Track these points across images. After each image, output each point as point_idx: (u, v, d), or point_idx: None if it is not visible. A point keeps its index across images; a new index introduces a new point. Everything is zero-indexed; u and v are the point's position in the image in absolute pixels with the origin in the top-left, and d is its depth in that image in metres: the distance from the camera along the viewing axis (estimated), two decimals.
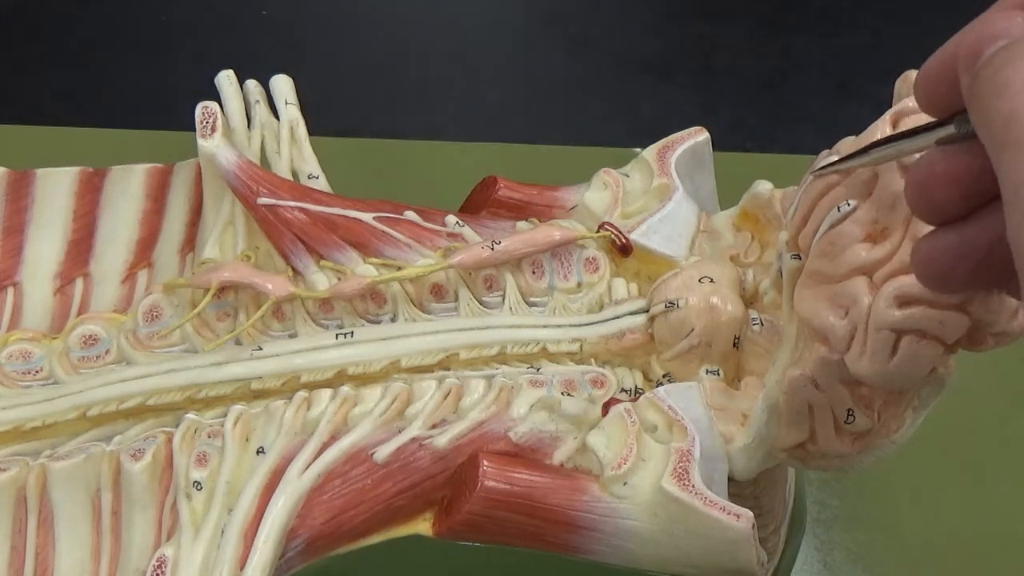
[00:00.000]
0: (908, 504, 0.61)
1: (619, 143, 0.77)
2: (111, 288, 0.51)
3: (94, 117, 0.88)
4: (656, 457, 0.41)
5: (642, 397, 0.44)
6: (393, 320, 0.47)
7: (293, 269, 0.48)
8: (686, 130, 0.51)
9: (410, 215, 0.49)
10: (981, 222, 0.27)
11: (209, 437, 0.44)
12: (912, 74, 0.38)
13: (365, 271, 0.47)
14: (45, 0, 1.03)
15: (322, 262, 0.48)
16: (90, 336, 0.48)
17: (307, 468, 0.42)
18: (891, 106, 0.37)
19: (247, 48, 1.00)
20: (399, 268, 0.47)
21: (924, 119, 0.30)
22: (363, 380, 0.46)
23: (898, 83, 0.38)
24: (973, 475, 0.62)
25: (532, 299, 0.48)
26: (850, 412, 0.39)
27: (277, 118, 0.52)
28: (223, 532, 0.41)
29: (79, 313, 0.50)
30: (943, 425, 0.45)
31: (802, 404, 0.40)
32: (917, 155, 0.31)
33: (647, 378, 0.46)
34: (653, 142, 0.51)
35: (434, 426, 0.44)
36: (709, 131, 0.51)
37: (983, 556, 0.59)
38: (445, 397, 0.44)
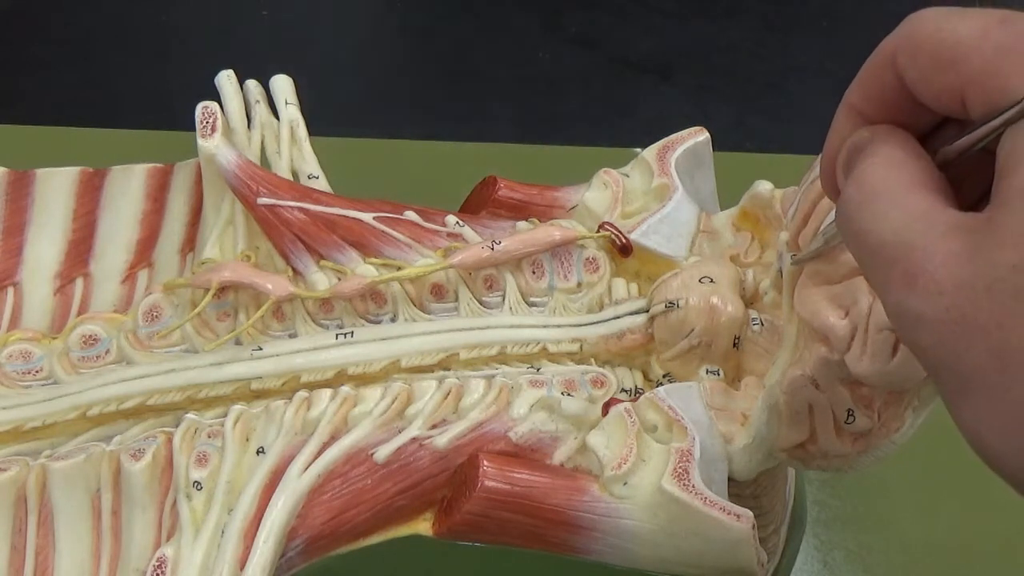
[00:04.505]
0: (908, 504, 0.61)
1: (619, 143, 0.77)
2: (111, 288, 0.51)
3: (94, 117, 0.88)
4: (656, 457, 0.41)
5: (642, 397, 0.44)
6: (393, 320, 0.47)
7: (293, 269, 0.48)
8: (686, 130, 0.51)
9: (410, 215, 0.49)
10: None
11: (209, 437, 0.44)
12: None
13: (365, 271, 0.47)
14: (45, 0, 1.03)
15: (322, 262, 0.48)
16: (90, 336, 0.48)
17: (307, 468, 0.42)
18: None
19: (247, 48, 1.00)
20: (399, 268, 0.47)
21: None
22: (363, 380, 0.46)
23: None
24: (973, 475, 0.61)
25: (532, 299, 0.48)
26: (850, 412, 0.39)
27: (277, 118, 0.52)
28: (223, 532, 0.41)
29: (79, 313, 0.50)
30: (943, 425, 0.45)
31: (802, 404, 0.40)
32: None
33: (647, 378, 0.46)
34: (653, 142, 0.51)
35: (434, 426, 0.44)
36: (709, 131, 0.51)
37: (983, 556, 0.59)
38: (445, 397, 0.44)
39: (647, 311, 0.46)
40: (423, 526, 0.43)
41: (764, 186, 0.46)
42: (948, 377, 0.24)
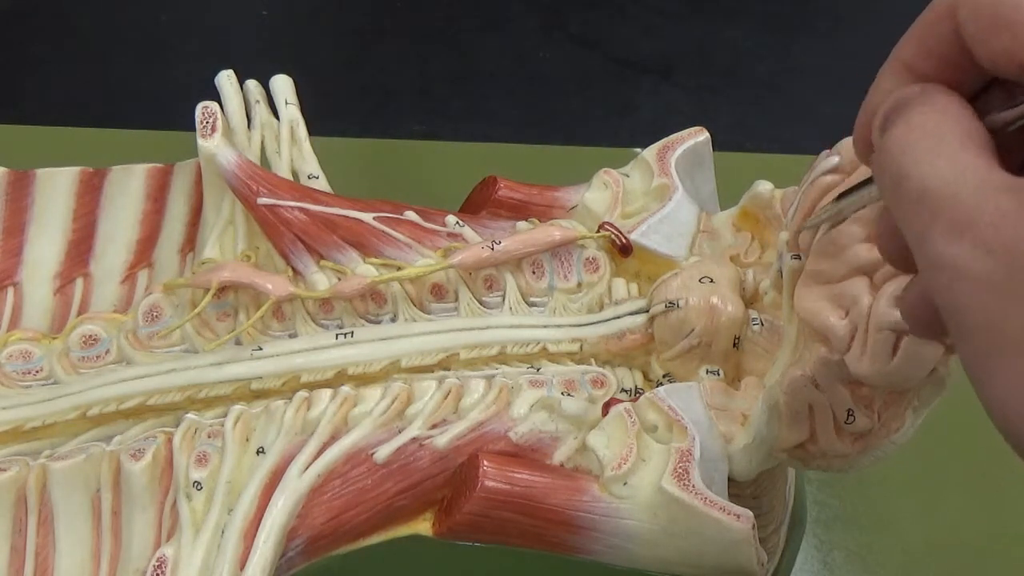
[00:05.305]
0: (908, 504, 0.61)
1: (619, 143, 0.77)
2: (111, 288, 0.51)
3: (94, 117, 0.87)
4: (656, 457, 0.41)
5: (642, 397, 0.44)
6: (393, 320, 0.47)
7: (293, 269, 0.48)
8: (686, 130, 0.51)
9: (410, 215, 0.49)
10: None
11: (209, 437, 0.44)
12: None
13: (365, 271, 0.47)
14: (45, 0, 1.03)
15: (322, 262, 0.48)
16: (90, 336, 0.48)
17: (307, 468, 0.42)
18: None
19: (247, 48, 1.00)
20: (399, 268, 0.47)
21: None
22: (363, 380, 0.46)
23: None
24: (973, 475, 0.62)
25: (532, 299, 0.48)
26: (850, 412, 0.39)
27: (277, 118, 0.52)
28: (223, 532, 0.41)
29: (79, 313, 0.50)
30: (943, 425, 0.45)
31: (802, 404, 0.40)
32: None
33: (647, 378, 0.46)
34: (653, 142, 0.51)
35: (434, 426, 0.44)
36: (709, 131, 0.51)
37: (983, 556, 0.59)
38: (445, 397, 0.44)
39: (647, 311, 0.46)
40: (423, 526, 0.43)
41: (764, 186, 0.46)
42: (982, 339, 0.23)
